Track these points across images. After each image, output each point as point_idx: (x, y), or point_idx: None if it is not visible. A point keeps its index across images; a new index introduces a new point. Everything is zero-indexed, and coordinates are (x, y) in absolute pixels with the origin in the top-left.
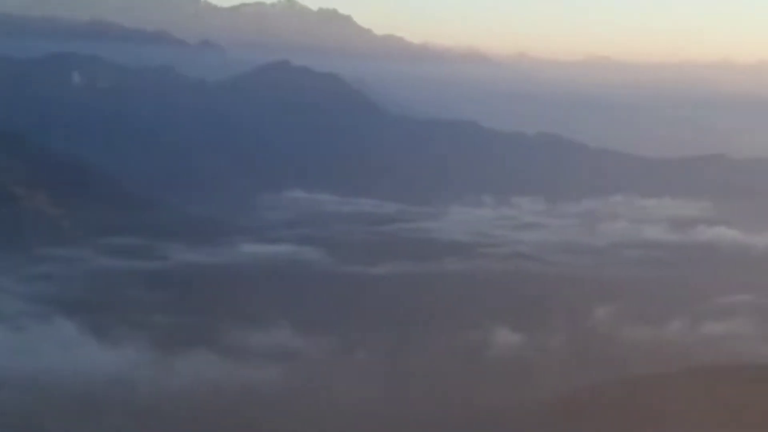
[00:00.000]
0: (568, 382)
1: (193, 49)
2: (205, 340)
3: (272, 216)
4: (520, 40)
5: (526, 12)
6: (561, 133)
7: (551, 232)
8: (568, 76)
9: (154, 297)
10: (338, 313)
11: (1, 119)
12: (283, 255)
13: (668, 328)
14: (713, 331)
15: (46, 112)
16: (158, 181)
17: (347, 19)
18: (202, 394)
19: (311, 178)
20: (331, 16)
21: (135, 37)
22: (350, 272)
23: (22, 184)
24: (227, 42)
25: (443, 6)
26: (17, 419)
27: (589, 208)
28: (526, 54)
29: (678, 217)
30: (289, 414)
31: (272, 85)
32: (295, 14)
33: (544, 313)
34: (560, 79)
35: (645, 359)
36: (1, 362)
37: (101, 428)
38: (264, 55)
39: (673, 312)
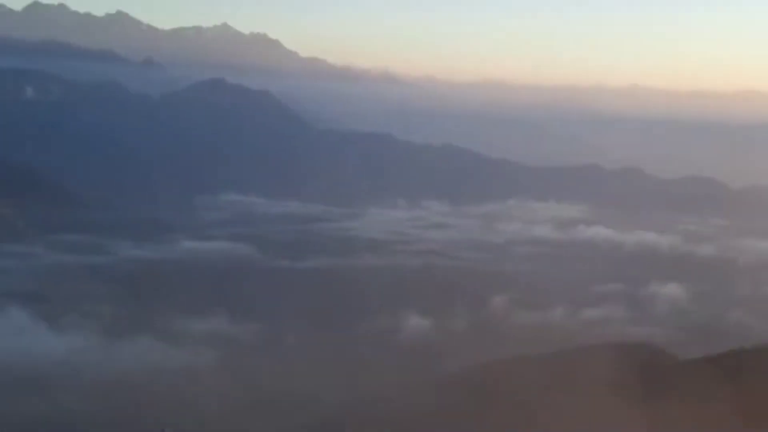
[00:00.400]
0: (470, 360)
1: (137, 67)
2: (148, 328)
3: (209, 216)
4: (428, 63)
5: (434, 38)
6: (464, 146)
7: (456, 231)
8: (468, 96)
9: (101, 289)
10: (268, 302)
11: None
12: (218, 251)
13: (553, 313)
14: (591, 316)
15: (1, 122)
16: (106, 185)
17: (276, 43)
18: (144, 375)
19: (244, 183)
20: (261, 39)
21: (84, 55)
22: (279, 266)
23: None
24: (168, 61)
25: (361, 32)
26: None
27: (489, 210)
28: (433, 77)
29: (562, 218)
30: (224, 393)
31: (209, 99)
32: (230, 37)
33: (450, 302)
34: (462, 98)
35: (535, 340)
36: None
37: (51, 405)
38: (201, 74)
39: (558, 299)
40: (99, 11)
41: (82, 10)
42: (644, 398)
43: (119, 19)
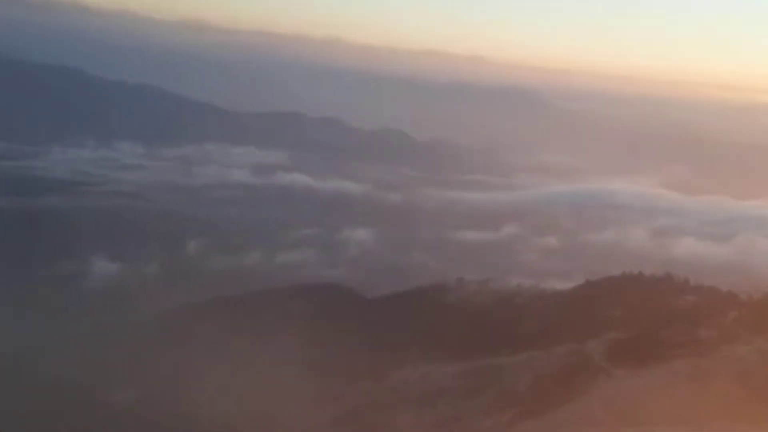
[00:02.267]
0: (162, 304)
1: None
2: None
3: None
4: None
5: None
6: (163, 86)
7: (151, 173)
8: (167, 34)
9: None
10: None
11: None
12: None
13: (249, 257)
14: (286, 260)
15: None
16: None
17: None
18: None
19: None
20: None
21: None
22: None
23: None
24: None
25: None
26: None
27: (185, 153)
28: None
29: (260, 164)
30: None
31: None
32: None
33: (142, 245)
34: (162, 36)
35: (230, 284)
36: None
37: None
38: None
39: (254, 243)
40: None
41: None
42: (334, 335)
43: None
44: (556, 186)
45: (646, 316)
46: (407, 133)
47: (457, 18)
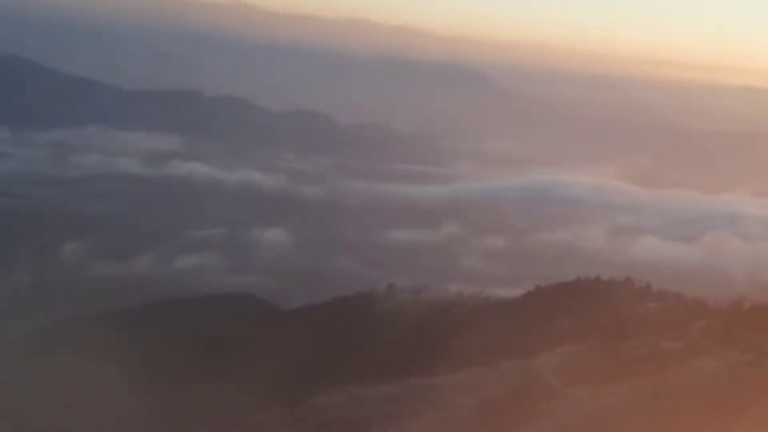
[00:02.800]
0: (33, 322)
1: None
2: None
3: None
4: None
5: None
6: (30, 58)
7: (19, 162)
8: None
9: None
10: None
11: None
12: None
13: (140, 262)
14: (185, 265)
15: None
16: None
17: None
18: None
19: None
20: None
21: None
22: None
23: None
24: None
25: None
26: None
27: (61, 138)
28: None
29: (153, 151)
30: None
31: None
32: None
33: (9, 250)
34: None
35: (117, 294)
36: None
37: None
38: None
39: (146, 246)
40: None
41: None
42: (242, 353)
43: None
44: (502, 178)
45: (603, 327)
46: (327, 115)
47: None
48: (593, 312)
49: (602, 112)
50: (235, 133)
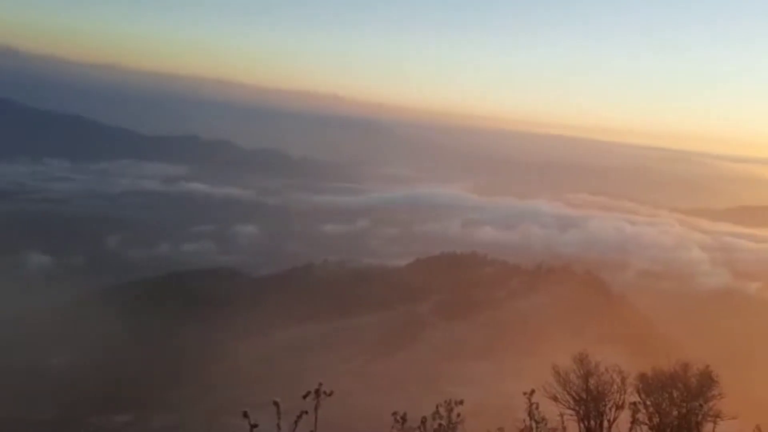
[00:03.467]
0: (88, 288)
1: None
2: None
3: None
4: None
5: None
6: (87, 116)
7: (76, 183)
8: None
9: None
10: None
11: None
12: None
13: (159, 248)
14: (188, 249)
15: None
16: None
17: None
18: None
19: None
20: None
21: None
22: None
23: None
24: None
25: None
26: None
27: (104, 167)
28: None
29: (167, 176)
30: None
31: None
32: None
33: (68, 241)
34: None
35: (145, 269)
36: None
37: None
38: None
39: (163, 238)
40: None
41: None
42: (228, 308)
43: None
44: (396, 190)
45: (459, 283)
46: (280, 150)
47: (319, 61)
48: (453, 274)
49: (461, 150)
50: (222, 162)
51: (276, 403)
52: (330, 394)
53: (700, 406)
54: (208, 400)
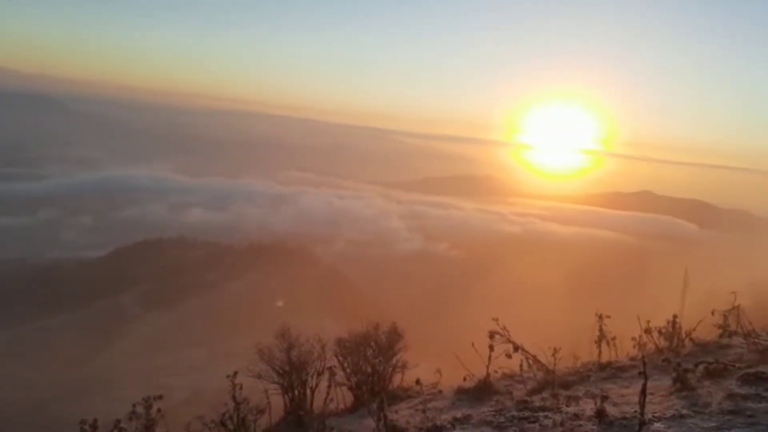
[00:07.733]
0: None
1: None
2: None
3: None
4: None
5: None
6: None
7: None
8: None
9: None
10: None
11: None
12: None
13: None
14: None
15: None
16: None
17: None
18: None
19: None
20: None
21: None
22: None
23: None
24: None
25: None
26: None
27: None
28: None
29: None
30: None
31: None
32: None
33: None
34: None
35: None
36: None
37: None
38: None
39: None
40: None
41: None
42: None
43: None
44: (84, 175)
45: (166, 270)
46: None
47: None
48: (158, 261)
49: (156, 129)
50: None
51: None
52: None
53: (388, 359)
54: None
